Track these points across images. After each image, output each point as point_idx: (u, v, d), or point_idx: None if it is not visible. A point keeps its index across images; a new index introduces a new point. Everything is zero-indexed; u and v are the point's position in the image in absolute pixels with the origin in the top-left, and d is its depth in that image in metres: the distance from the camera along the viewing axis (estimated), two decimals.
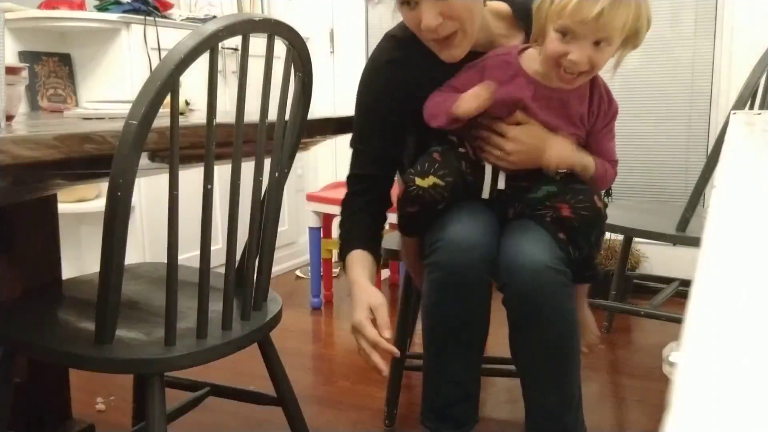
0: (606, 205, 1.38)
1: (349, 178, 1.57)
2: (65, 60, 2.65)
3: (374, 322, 1.32)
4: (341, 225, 1.55)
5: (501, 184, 1.41)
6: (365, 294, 1.40)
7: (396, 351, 1.31)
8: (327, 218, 2.94)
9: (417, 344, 2.43)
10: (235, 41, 2.46)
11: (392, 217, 2.81)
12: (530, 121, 1.36)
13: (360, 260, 1.49)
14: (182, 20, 2.83)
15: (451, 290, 1.36)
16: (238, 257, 1.26)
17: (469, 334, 1.43)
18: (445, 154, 1.38)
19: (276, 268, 2.88)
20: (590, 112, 1.39)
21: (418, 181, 1.34)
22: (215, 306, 1.21)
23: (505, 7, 1.49)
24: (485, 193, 1.41)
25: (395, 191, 1.49)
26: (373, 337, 1.29)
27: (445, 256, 1.33)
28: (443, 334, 1.42)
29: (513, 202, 1.41)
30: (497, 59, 1.38)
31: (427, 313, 1.43)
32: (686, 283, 2.47)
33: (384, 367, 1.29)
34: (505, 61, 1.37)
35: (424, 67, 1.43)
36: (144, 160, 1.08)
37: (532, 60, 1.36)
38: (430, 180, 1.34)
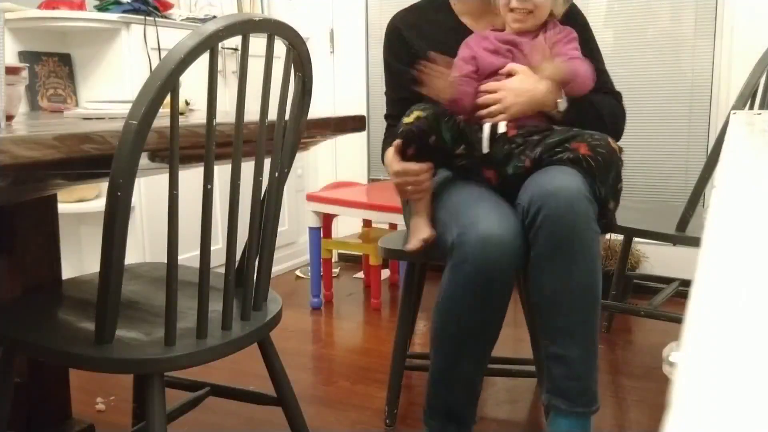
0: (621, 150, 1.44)
1: (386, 116, 1.82)
2: (65, 60, 2.65)
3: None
4: (383, 144, 1.77)
5: (502, 128, 1.50)
6: (391, 149, 1.58)
7: (424, 166, 1.52)
8: (327, 218, 2.94)
9: (417, 344, 2.43)
10: (235, 41, 2.46)
11: (392, 218, 2.80)
12: (519, 71, 1.50)
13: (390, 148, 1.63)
14: (182, 20, 2.83)
15: (477, 287, 1.37)
16: (238, 257, 1.26)
17: (485, 334, 1.43)
18: (436, 102, 1.53)
19: (276, 268, 2.88)
20: (546, 38, 1.56)
21: (405, 120, 1.52)
22: (215, 306, 1.21)
23: None
24: (485, 147, 1.50)
25: None
26: (404, 167, 1.52)
27: (475, 252, 1.34)
28: (459, 333, 1.43)
29: (527, 153, 1.47)
30: (477, 36, 1.61)
31: (446, 311, 1.43)
32: (686, 283, 2.47)
33: (428, 176, 1.53)
34: (482, 36, 1.59)
35: (430, 32, 1.70)
36: (144, 160, 1.08)
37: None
38: (414, 114, 1.50)
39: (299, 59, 1.24)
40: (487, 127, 1.50)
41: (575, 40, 1.55)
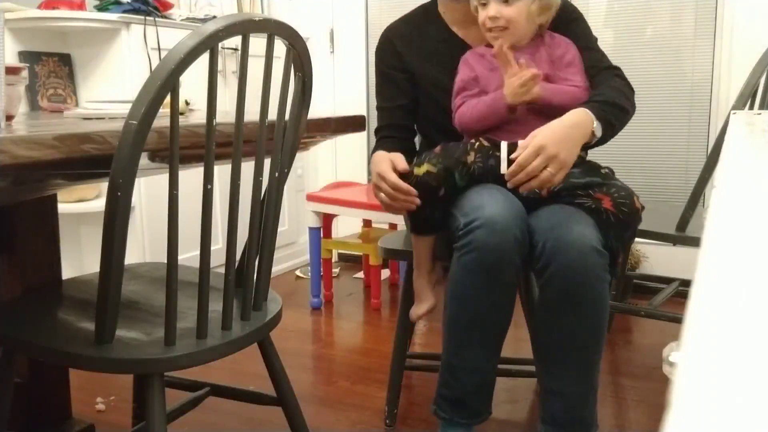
0: (643, 208, 1.43)
1: (376, 131, 1.75)
2: (65, 60, 2.65)
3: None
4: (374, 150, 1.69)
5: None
6: (385, 155, 1.55)
7: (413, 190, 1.47)
8: (327, 218, 2.94)
9: (417, 344, 2.43)
10: (235, 41, 2.46)
11: (392, 218, 2.80)
12: (538, 133, 1.39)
13: (382, 151, 1.60)
14: (182, 20, 2.83)
15: (484, 271, 1.39)
16: (238, 257, 1.26)
17: (495, 318, 1.44)
18: (447, 147, 1.51)
19: (276, 268, 2.88)
20: (555, 53, 1.56)
21: (415, 170, 1.49)
22: (215, 306, 1.21)
23: None
24: (503, 168, 1.47)
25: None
26: (394, 180, 1.48)
27: (481, 236, 1.36)
28: (470, 318, 1.44)
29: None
30: (474, 54, 1.61)
31: (456, 297, 1.44)
32: (686, 283, 2.47)
33: (413, 200, 1.48)
34: (479, 54, 1.60)
35: (423, 43, 1.68)
36: (144, 160, 1.08)
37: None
38: (424, 167, 1.48)
39: (299, 59, 1.24)
40: (504, 147, 1.48)
41: (574, 60, 1.53)
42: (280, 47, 1.17)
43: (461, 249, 1.40)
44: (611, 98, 1.50)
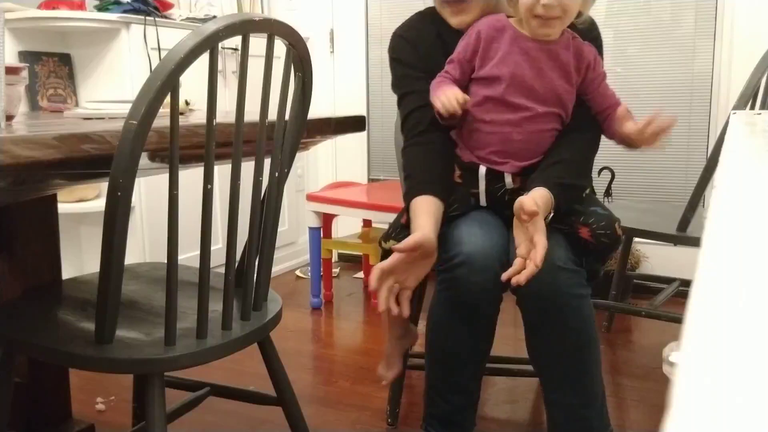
0: (625, 231, 1.43)
1: (404, 120, 1.49)
2: (65, 60, 2.65)
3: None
4: (406, 165, 1.45)
5: (509, 184, 1.43)
6: (421, 213, 1.34)
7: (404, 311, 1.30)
8: (327, 218, 2.94)
9: (417, 344, 2.43)
10: (235, 41, 2.46)
11: (392, 218, 2.79)
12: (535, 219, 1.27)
13: (426, 206, 1.36)
14: (182, 20, 2.83)
15: (464, 306, 1.38)
16: (238, 257, 1.26)
17: (475, 346, 1.45)
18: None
19: (276, 268, 2.88)
20: (580, 65, 1.41)
21: (383, 244, 1.47)
22: (215, 306, 1.21)
23: None
24: (482, 201, 1.44)
25: None
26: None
27: (461, 274, 1.34)
28: (452, 348, 1.45)
29: None
30: (489, 29, 1.40)
31: (437, 329, 1.45)
32: (686, 283, 2.47)
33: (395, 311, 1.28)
34: (495, 27, 1.40)
35: (437, 40, 1.50)
36: (144, 160, 1.08)
37: (518, 23, 1.40)
38: (391, 243, 1.41)
39: (299, 59, 1.24)
40: (483, 174, 1.40)
41: (599, 61, 1.44)
42: (280, 47, 1.17)
43: (441, 284, 1.39)
44: (575, 182, 1.41)
